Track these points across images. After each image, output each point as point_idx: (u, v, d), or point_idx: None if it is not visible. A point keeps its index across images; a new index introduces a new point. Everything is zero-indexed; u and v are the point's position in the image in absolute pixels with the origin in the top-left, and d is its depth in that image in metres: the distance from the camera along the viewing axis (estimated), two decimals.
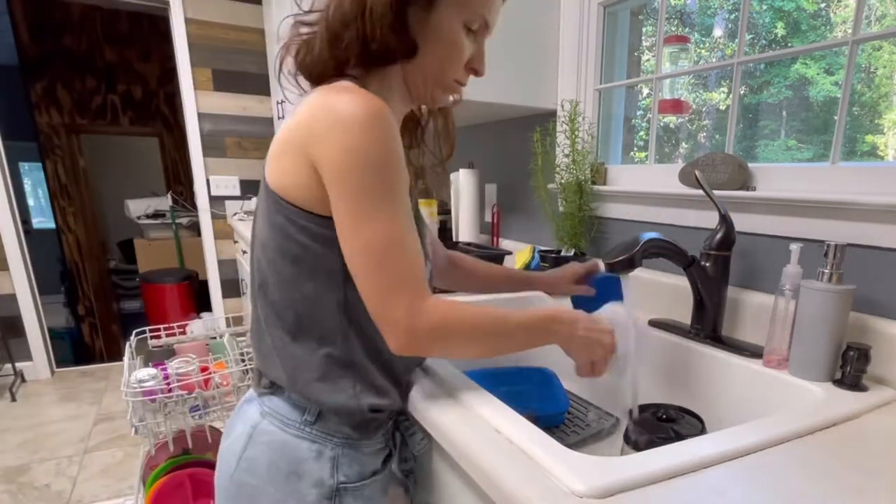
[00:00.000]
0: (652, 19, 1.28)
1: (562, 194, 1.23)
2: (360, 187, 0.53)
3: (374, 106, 0.53)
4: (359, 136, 0.52)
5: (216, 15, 2.94)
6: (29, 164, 5.11)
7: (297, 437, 0.63)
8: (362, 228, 0.54)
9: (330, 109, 0.54)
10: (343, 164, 0.53)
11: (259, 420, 0.65)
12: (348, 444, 0.65)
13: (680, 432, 0.66)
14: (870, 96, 1.16)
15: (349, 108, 0.53)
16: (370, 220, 0.54)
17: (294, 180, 0.57)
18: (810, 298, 0.69)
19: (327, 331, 0.61)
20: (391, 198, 0.55)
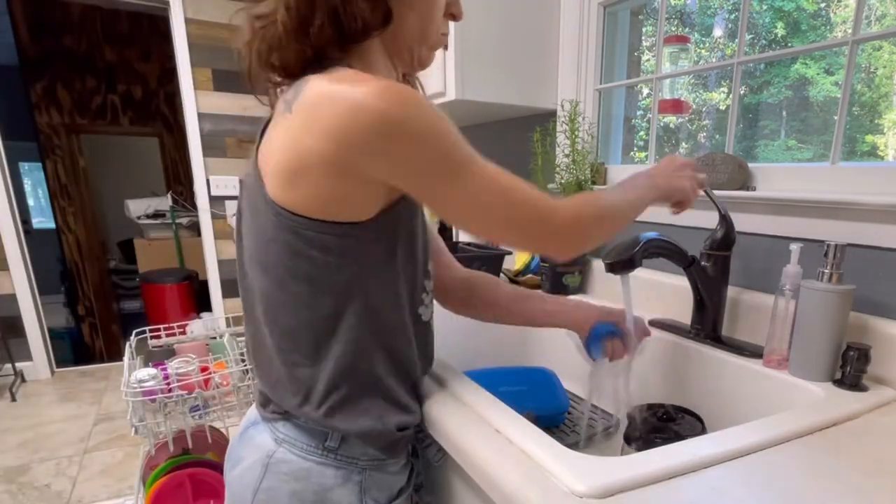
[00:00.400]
0: (652, 19, 1.28)
1: (562, 194, 1.23)
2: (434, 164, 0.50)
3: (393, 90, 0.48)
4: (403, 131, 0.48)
5: (216, 15, 2.94)
6: (29, 164, 5.11)
7: (321, 465, 0.59)
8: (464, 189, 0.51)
9: (357, 113, 0.47)
10: (408, 162, 0.49)
11: (274, 448, 0.60)
12: (374, 467, 0.61)
13: (680, 432, 0.66)
14: (870, 96, 1.16)
15: (374, 106, 0.47)
16: (467, 177, 0.51)
17: (318, 193, 0.51)
18: (810, 298, 0.69)
19: (348, 348, 0.57)
20: (465, 148, 0.51)
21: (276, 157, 0.53)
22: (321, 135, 0.48)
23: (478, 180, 0.51)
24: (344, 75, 0.50)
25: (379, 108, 0.47)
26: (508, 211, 0.53)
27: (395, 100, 0.47)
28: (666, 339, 0.91)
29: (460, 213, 0.53)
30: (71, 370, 3.21)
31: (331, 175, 0.50)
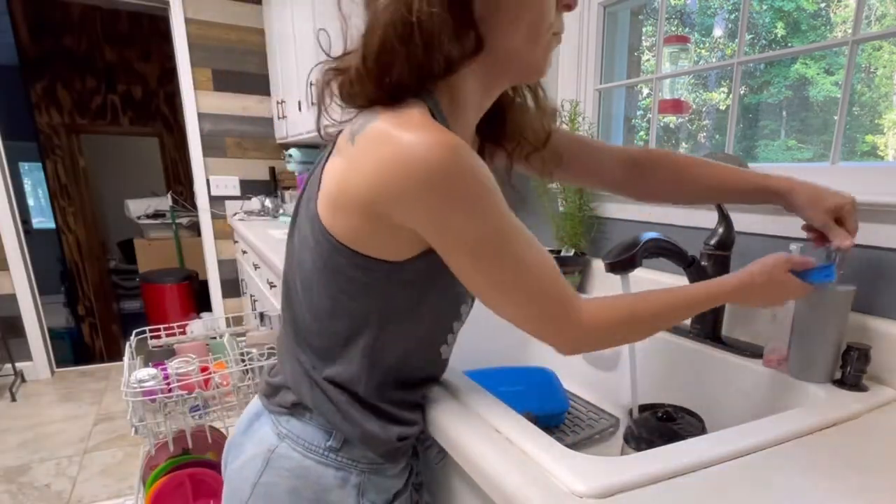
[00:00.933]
0: (652, 19, 1.28)
1: (562, 194, 1.23)
2: (462, 236, 0.48)
3: (445, 146, 0.45)
4: (441, 190, 0.46)
5: (216, 15, 2.94)
6: (29, 164, 5.11)
7: (321, 464, 0.60)
8: (486, 271, 0.50)
9: (400, 162, 0.46)
10: (437, 223, 0.48)
11: (276, 443, 0.61)
12: (373, 470, 0.62)
13: (680, 432, 0.66)
14: (870, 96, 1.16)
15: (419, 157, 0.45)
16: (492, 259, 0.49)
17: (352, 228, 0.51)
18: (810, 299, 0.69)
19: (354, 369, 0.58)
20: (501, 229, 0.49)
21: (329, 181, 0.53)
22: (363, 173, 0.48)
23: (507, 272, 0.50)
24: (408, 120, 0.48)
25: (419, 161, 0.45)
26: (530, 308, 0.52)
27: (441, 157, 0.45)
28: (666, 339, 0.91)
29: (478, 290, 0.53)
30: (71, 370, 3.21)
31: (363, 214, 0.50)
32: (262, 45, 3.10)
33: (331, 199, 0.53)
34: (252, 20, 3.05)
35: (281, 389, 0.63)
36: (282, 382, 0.64)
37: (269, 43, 3.02)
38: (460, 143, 0.46)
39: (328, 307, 0.57)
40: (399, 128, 0.47)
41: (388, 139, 0.47)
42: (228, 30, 2.99)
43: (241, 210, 3.12)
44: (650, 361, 0.94)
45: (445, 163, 0.45)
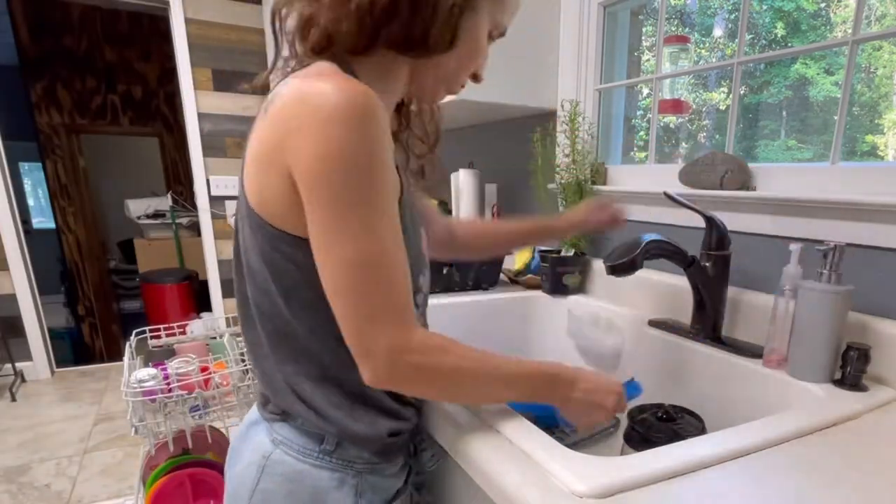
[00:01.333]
0: (652, 19, 1.28)
1: (562, 194, 1.23)
2: (336, 194, 0.45)
3: (361, 95, 0.45)
4: (338, 131, 0.44)
5: (216, 15, 2.94)
6: (29, 164, 5.11)
7: (317, 467, 0.59)
8: (337, 243, 0.46)
9: (304, 100, 0.45)
10: (317, 166, 0.44)
11: (271, 449, 0.60)
12: (369, 470, 0.61)
13: (680, 432, 0.66)
14: (870, 96, 1.16)
15: (330, 97, 0.44)
16: (346, 233, 0.46)
17: (272, 198, 0.49)
18: (809, 299, 0.69)
19: (330, 362, 0.56)
20: (374, 207, 0.47)
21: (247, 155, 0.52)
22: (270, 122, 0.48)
23: (350, 239, 0.46)
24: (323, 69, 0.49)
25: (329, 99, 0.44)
26: (364, 297, 0.47)
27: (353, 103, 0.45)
28: (666, 339, 0.91)
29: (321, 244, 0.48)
30: (71, 370, 3.21)
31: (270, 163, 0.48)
32: (262, 45, 3.10)
33: (249, 168, 0.51)
34: (252, 20, 3.05)
35: (270, 399, 0.63)
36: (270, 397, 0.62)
37: (269, 43, 3.02)
38: (377, 101, 0.46)
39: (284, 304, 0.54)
40: (310, 78, 0.47)
41: (300, 87, 0.46)
42: (228, 30, 2.99)
43: None
44: (650, 361, 0.94)
45: (352, 109, 0.44)
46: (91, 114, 4.54)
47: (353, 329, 0.49)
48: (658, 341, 0.92)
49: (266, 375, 0.61)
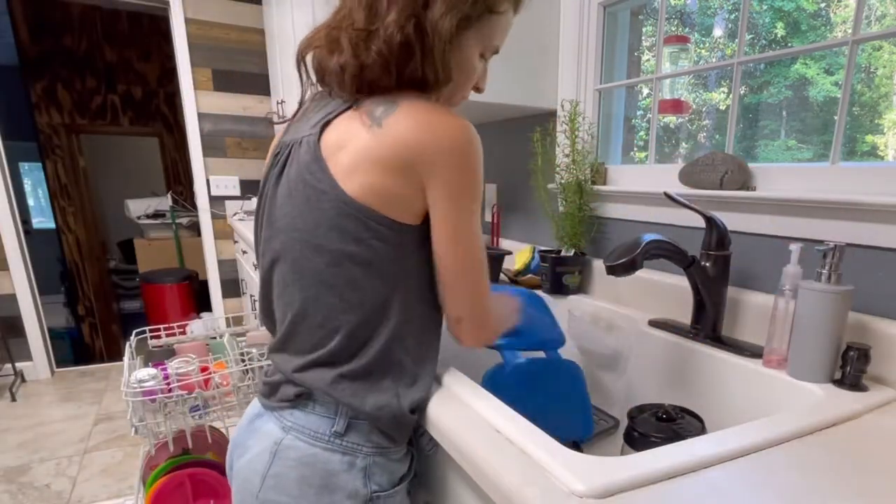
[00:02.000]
0: (652, 19, 1.28)
1: (562, 194, 1.23)
2: (466, 211, 0.60)
3: (473, 131, 0.59)
4: (470, 161, 0.59)
5: (216, 15, 2.94)
6: (29, 164, 5.11)
7: (328, 450, 0.62)
8: (463, 241, 0.61)
9: (440, 133, 0.57)
10: (458, 186, 0.59)
11: (282, 435, 0.63)
12: (378, 453, 0.64)
13: (680, 433, 0.66)
14: (870, 96, 1.16)
15: (459, 133, 0.58)
16: (470, 235, 0.62)
17: (385, 191, 0.59)
18: (809, 299, 0.69)
19: (384, 330, 0.62)
20: (479, 218, 0.63)
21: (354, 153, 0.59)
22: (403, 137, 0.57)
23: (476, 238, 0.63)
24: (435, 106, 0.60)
25: (459, 135, 0.58)
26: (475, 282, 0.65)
27: (473, 138, 0.59)
28: (666, 339, 0.91)
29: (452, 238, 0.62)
30: (71, 370, 3.21)
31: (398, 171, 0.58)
32: (262, 45, 3.10)
33: (357, 168, 0.59)
34: (252, 20, 3.05)
35: (281, 385, 0.65)
36: (281, 379, 0.65)
37: (269, 43, 3.01)
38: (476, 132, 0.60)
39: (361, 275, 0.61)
40: (430, 112, 0.59)
41: (428, 120, 0.58)
42: (228, 30, 2.99)
43: (241, 210, 3.12)
44: (650, 362, 0.94)
45: (475, 143, 0.59)
46: (91, 114, 4.54)
47: (468, 302, 0.65)
48: (658, 341, 0.92)
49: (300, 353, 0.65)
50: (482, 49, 0.66)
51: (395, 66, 0.60)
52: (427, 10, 0.59)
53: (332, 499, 0.62)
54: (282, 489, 0.62)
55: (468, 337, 0.68)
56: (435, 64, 0.61)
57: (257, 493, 0.63)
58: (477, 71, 0.68)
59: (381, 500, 0.64)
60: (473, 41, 0.64)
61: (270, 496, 0.63)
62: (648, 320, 0.97)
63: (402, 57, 0.59)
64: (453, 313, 0.66)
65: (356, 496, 0.62)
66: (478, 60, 0.67)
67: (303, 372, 0.63)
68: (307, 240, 0.62)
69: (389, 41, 0.59)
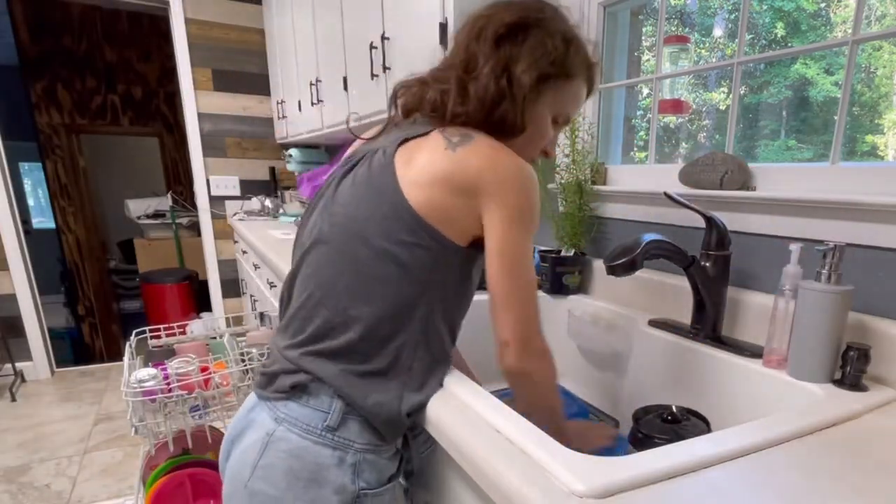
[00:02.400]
0: (652, 19, 1.28)
1: (562, 194, 1.23)
2: (520, 240, 0.65)
3: (533, 172, 0.66)
4: (530, 198, 0.65)
5: (216, 15, 2.94)
6: (29, 164, 5.11)
7: (318, 444, 0.63)
8: (516, 274, 0.65)
9: (511, 168, 0.64)
10: (514, 218, 0.64)
11: (274, 427, 0.64)
12: (369, 450, 0.65)
13: (685, 435, 0.66)
14: (870, 96, 1.16)
15: (520, 168, 0.65)
16: (522, 258, 0.66)
17: (444, 208, 0.64)
18: (809, 299, 0.69)
19: (401, 334, 0.65)
20: (531, 247, 0.67)
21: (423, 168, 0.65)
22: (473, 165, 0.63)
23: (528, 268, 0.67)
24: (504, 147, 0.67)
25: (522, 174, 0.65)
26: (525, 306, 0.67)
27: (532, 177, 0.66)
28: (666, 339, 0.91)
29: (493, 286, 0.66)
30: (71, 370, 3.21)
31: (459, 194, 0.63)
32: (262, 45, 3.10)
33: (423, 182, 0.64)
34: (252, 20, 3.05)
35: (279, 376, 0.66)
36: (280, 369, 0.66)
37: (269, 43, 3.02)
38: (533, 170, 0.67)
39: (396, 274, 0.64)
40: (499, 151, 0.65)
41: (497, 156, 0.65)
42: (228, 30, 2.99)
43: (241, 210, 3.12)
44: (651, 362, 0.94)
45: (533, 182, 0.66)
46: (91, 114, 4.54)
47: (516, 325, 0.66)
48: (658, 341, 0.92)
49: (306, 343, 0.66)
50: (555, 113, 0.73)
51: (485, 108, 0.68)
52: (514, 66, 0.67)
53: (319, 493, 0.63)
54: (270, 480, 0.63)
55: (513, 358, 0.67)
56: (517, 111, 0.68)
57: (246, 482, 0.64)
58: (548, 133, 0.74)
59: (369, 498, 0.65)
60: (549, 100, 0.71)
61: (259, 486, 0.63)
62: (648, 320, 0.97)
63: (492, 102, 0.68)
64: (501, 336, 0.67)
65: (343, 492, 0.63)
66: (550, 123, 0.73)
67: (311, 357, 0.65)
68: (357, 230, 0.66)
69: (486, 86, 0.67)
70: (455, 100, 0.69)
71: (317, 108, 2.29)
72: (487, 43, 0.68)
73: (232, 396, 1.29)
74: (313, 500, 0.62)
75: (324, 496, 0.63)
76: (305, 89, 2.40)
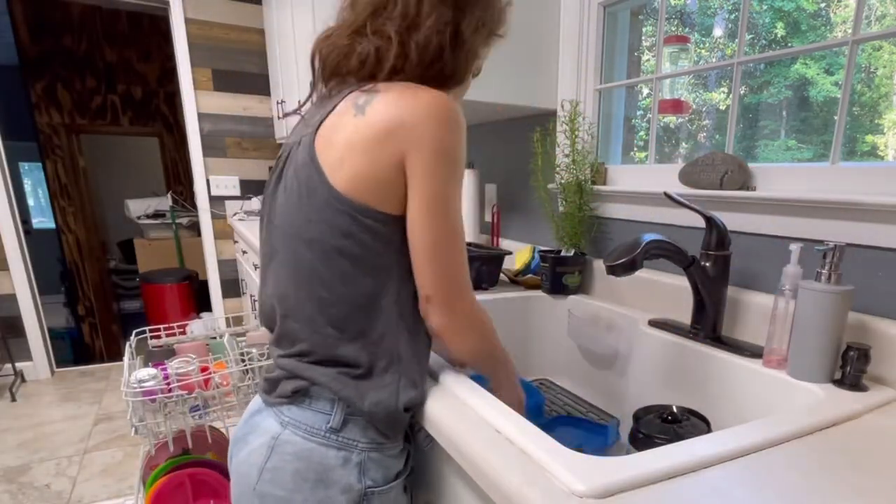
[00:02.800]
0: (652, 19, 1.28)
1: (562, 194, 1.23)
2: (445, 182, 0.60)
3: (454, 104, 0.60)
4: (452, 132, 0.59)
5: (216, 15, 2.94)
6: (29, 164, 5.11)
7: (323, 446, 0.63)
8: (441, 221, 0.61)
9: (424, 104, 0.59)
10: (436, 157, 0.59)
11: (280, 430, 0.65)
12: (374, 449, 0.65)
13: (685, 435, 0.66)
14: (870, 96, 1.16)
15: (442, 105, 0.59)
16: (446, 206, 0.61)
17: (369, 176, 0.59)
18: (809, 299, 0.69)
19: (378, 325, 0.64)
20: (460, 195, 0.63)
21: (340, 146, 0.60)
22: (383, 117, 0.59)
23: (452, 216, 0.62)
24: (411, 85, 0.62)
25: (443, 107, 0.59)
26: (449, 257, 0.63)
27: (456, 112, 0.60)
28: (666, 339, 0.91)
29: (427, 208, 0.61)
30: (71, 370, 3.21)
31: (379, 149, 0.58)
32: (262, 45, 3.10)
33: (344, 159, 0.60)
34: (252, 20, 3.05)
35: (280, 382, 0.66)
36: (280, 375, 0.67)
37: (269, 43, 3.01)
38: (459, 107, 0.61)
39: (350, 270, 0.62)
40: (417, 89, 0.60)
41: (414, 95, 0.59)
42: (228, 30, 2.99)
43: (241, 210, 3.12)
44: (651, 362, 0.94)
45: (458, 117, 0.60)
46: (91, 114, 4.54)
47: (443, 286, 0.63)
48: (658, 341, 0.92)
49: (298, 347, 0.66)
50: (476, 67, 0.72)
51: (426, 61, 0.64)
52: (461, 20, 0.65)
53: (326, 493, 0.63)
54: (278, 482, 0.63)
55: (437, 317, 0.64)
56: (458, 66, 0.66)
57: (255, 485, 0.64)
58: (468, 86, 0.74)
59: (376, 496, 0.65)
60: (481, 55, 0.71)
61: (267, 489, 0.64)
62: (648, 320, 0.97)
63: (434, 55, 0.64)
64: (423, 290, 0.63)
65: (350, 491, 0.64)
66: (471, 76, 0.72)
67: (305, 365, 0.65)
68: (300, 235, 0.63)
69: (429, 38, 0.63)
70: (396, 54, 0.63)
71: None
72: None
73: (232, 396, 1.29)
74: (321, 500, 0.63)
75: (331, 496, 0.63)
76: (305, 89, 2.39)
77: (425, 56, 0.64)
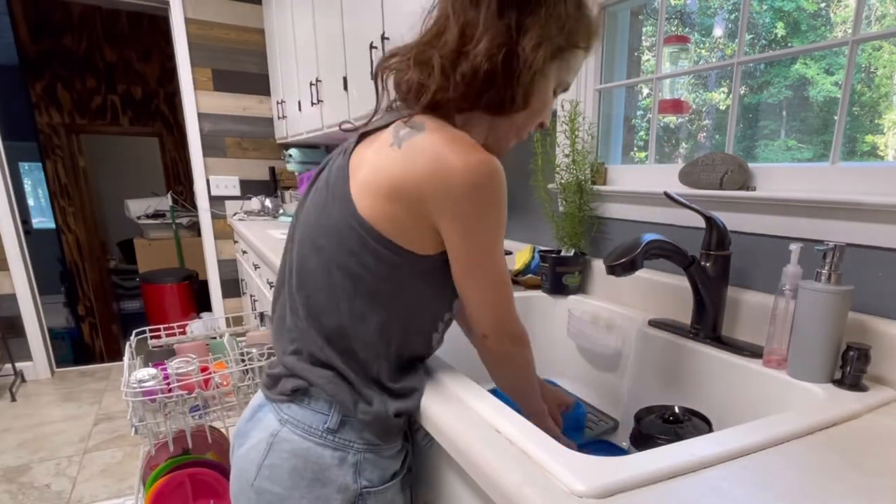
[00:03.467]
0: (652, 19, 1.28)
1: (562, 194, 1.23)
2: (484, 238, 0.60)
3: (493, 167, 0.58)
4: (489, 204, 0.59)
5: (216, 15, 2.94)
6: (29, 164, 5.11)
7: (320, 445, 0.64)
8: (481, 277, 0.63)
9: (458, 175, 0.57)
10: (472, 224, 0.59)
11: (279, 427, 0.65)
12: (370, 450, 0.66)
13: (686, 436, 0.66)
14: (870, 96, 1.16)
15: (474, 174, 0.57)
16: (490, 267, 0.63)
17: (395, 218, 0.59)
18: (809, 299, 0.69)
19: (362, 346, 0.64)
20: (502, 242, 0.63)
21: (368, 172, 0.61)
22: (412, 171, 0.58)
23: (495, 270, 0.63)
24: (458, 136, 0.60)
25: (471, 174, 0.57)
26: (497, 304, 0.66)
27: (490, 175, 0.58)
28: (666, 339, 0.91)
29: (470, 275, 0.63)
30: (71, 370, 3.21)
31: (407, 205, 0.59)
32: (262, 45, 3.10)
33: (370, 187, 0.60)
34: (252, 20, 3.05)
35: (281, 379, 0.67)
36: (282, 372, 0.67)
37: (269, 43, 3.02)
38: (499, 166, 0.59)
39: (349, 287, 0.62)
40: (449, 143, 0.58)
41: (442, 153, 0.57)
42: (228, 30, 2.99)
43: (241, 210, 3.12)
44: (651, 362, 0.94)
45: (493, 179, 0.58)
46: (91, 114, 4.54)
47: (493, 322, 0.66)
48: (658, 341, 0.92)
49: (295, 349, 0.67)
50: (557, 83, 0.68)
51: (474, 90, 0.61)
52: (520, 40, 0.60)
53: (322, 492, 0.64)
54: (275, 479, 0.64)
55: (492, 347, 0.69)
56: (517, 91, 0.62)
57: (252, 481, 0.65)
58: (550, 104, 0.70)
59: (372, 496, 0.66)
60: (555, 73, 0.65)
61: (265, 485, 0.65)
62: (648, 320, 0.97)
63: (484, 83, 0.61)
64: (478, 332, 0.67)
65: (346, 490, 0.64)
66: (552, 94, 0.68)
67: (305, 365, 0.66)
68: (313, 238, 0.65)
69: (477, 67, 0.60)
70: (438, 87, 0.61)
71: (317, 108, 2.29)
72: (490, 10, 0.59)
73: (232, 396, 1.29)
74: (317, 498, 0.64)
75: (327, 495, 0.64)
76: (305, 89, 2.40)
77: (473, 86, 0.61)
